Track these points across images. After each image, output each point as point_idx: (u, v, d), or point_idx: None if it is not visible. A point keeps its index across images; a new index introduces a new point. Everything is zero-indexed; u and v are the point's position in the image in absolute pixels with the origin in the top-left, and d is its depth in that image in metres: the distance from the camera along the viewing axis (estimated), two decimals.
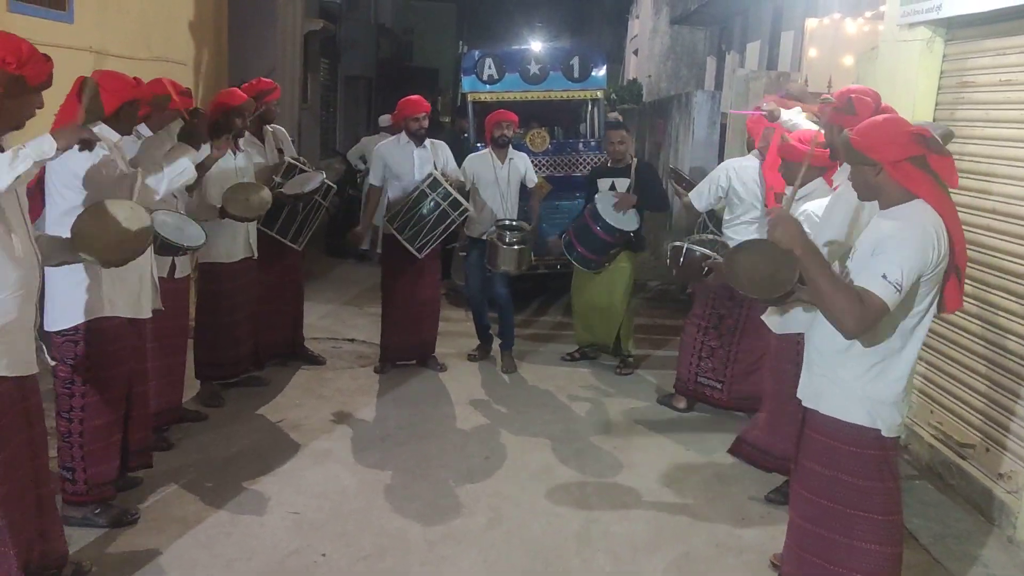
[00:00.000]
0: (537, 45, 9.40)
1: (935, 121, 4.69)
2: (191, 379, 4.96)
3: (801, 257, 2.57)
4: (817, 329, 2.81)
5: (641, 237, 6.07)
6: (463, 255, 6.44)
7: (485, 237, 5.91)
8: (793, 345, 3.81)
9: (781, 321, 3.92)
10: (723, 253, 3.81)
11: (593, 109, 8.54)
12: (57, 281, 3.39)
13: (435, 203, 5.44)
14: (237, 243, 5.03)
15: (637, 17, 17.81)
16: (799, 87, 4.23)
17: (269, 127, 5.60)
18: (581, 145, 8.24)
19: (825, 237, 3.28)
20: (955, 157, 2.69)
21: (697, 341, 5.24)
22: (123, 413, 3.71)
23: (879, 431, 2.68)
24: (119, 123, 3.56)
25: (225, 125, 4.80)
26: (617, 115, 11.32)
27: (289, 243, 5.52)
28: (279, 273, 5.64)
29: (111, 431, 3.64)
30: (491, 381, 5.93)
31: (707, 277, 3.96)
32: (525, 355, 6.45)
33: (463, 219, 5.64)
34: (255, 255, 5.20)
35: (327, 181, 5.54)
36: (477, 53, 8.38)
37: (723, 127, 8.93)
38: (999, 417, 4.11)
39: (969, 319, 4.33)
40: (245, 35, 9.02)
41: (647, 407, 5.50)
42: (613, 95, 13.56)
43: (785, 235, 2.58)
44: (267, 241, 5.35)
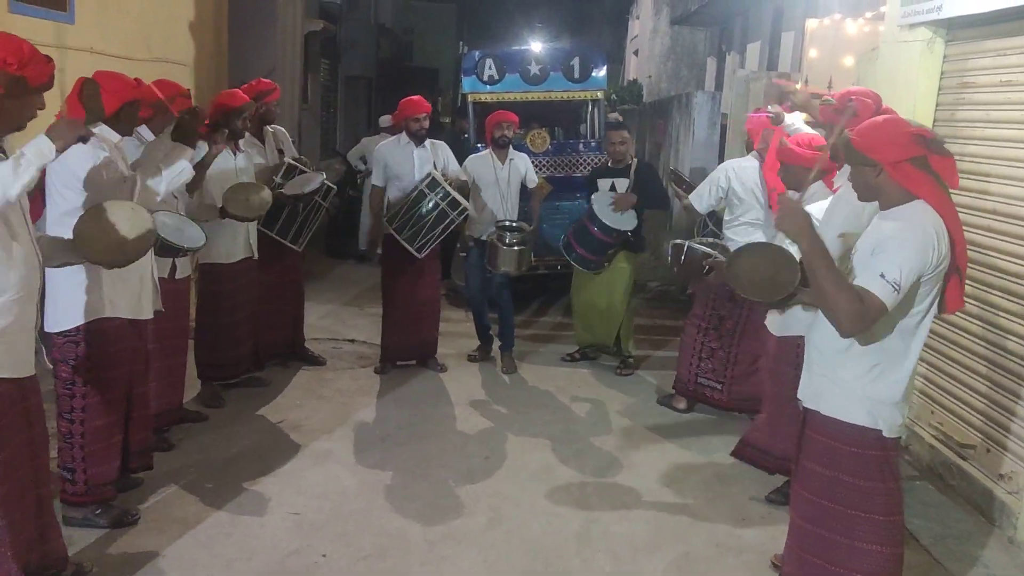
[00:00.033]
0: (537, 45, 9.39)
1: (935, 122, 4.71)
2: (191, 380, 4.96)
3: (806, 251, 2.56)
4: (817, 329, 2.81)
5: (641, 237, 6.09)
6: (463, 255, 6.45)
7: (485, 238, 5.93)
8: (793, 348, 3.81)
9: (781, 323, 3.93)
10: (725, 255, 3.82)
11: (593, 110, 8.55)
12: (58, 282, 3.40)
13: (434, 203, 5.45)
14: (237, 244, 5.04)
15: (637, 18, 17.83)
16: (804, 96, 4.24)
17: (269, 128, 5.61)
18: (581, 146, 8.24)
19: (826, 239, 3.28)
20: (956, 158, 2.69)
21: (697, 342, 5.25)
22: (123, 414, 3.72)
23: (880, 431, 2.69)
24: (119, 124, 3.57)
25: (225, 126, 4.82)
26: (617, 115, 11.34)
27: (289, 244, 5.54)
28: (279, 273, 5.65)
29: (112, 432, 3.65)
30: (491, 382, 5.94)
31: (708, 275, 3.97)
32: (525, 356, 6.46)
33: (462, 219, 5.65)
34: (255, 255, 5.21)
35: (327, 182, 5.55)
36: (477, 53, 8.38)
37: (723, 128, 8.94)
38: (1000, 418, 4.12)
39: (970, 319, 4.34)
40: (245, 35, 9.04)
41: (647, 408, 5.51)
42: (613, 96, 13.56)
43: (794, 226, 2.57)
44: (267, 242, 5.36)
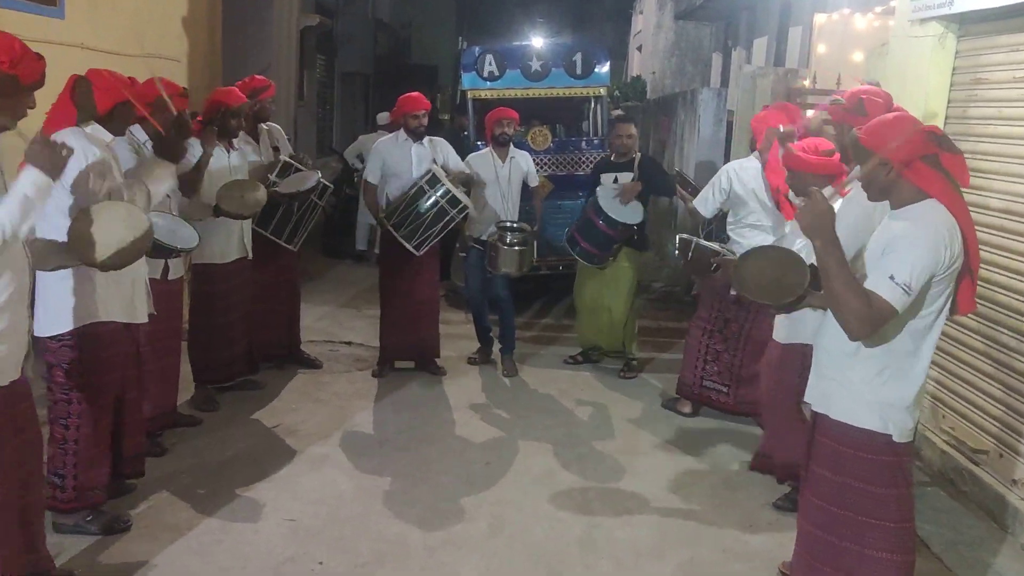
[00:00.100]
0: (538, 41, 9.40)
1: (947, 119, 4.71)
2: (184, 383, 4.96)
3: (820, 249, 2.54)
4: (826, 332, 2.81)
5: (644, 235, 6.08)
6: (463, 256, 6.45)
7: (486, 238, 5.92)
8: (799, 356, 3.81)
9: (788, 330, 3.92)
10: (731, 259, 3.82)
11: (596, 107, 8.53)
12: (51, 285, 3.40)
13: (433, 200, 5.43)
14: (231, 243, 5.04)
15: (641, 12, 17.81)
16: (817, 122, 4.24)
17: (264, 125, 5.62)
18: (584, 143, 8.24)
19: (837, 232, 3.28)
20: (967, 155, 2.69)
21: (702, 344, 5.25)
22: (113, 419, 3.72)
23: (890, 436, 2.69)
24: (112, 123, 3.57)
25: (220, 124, 4.82)
26: (619, 112, 11.33)
27: (284, 244, 5.53)
28: (274, 274, 5.65)
29: (103, 437, 3.65)
30: (492, 385, 5.94)
31: (715, 273, 3.97)
32: (526, 358, 6.46)
33: (462, 217, 5.64)
34: (249, 255, 5.21)
35: (323, 180, 5.55)
36: (477, 49, 8.37)
37: (729, 125, 8.93)
38: (1013, 422, 4.11)
39: (982, 321, 4.34)
40: (240, 31, 9.05)
41: (651, 411, 5.51)
42: (616, 92, 13.53)
43: (816, 220, 2.53)
44: (262, 241, 5.36)
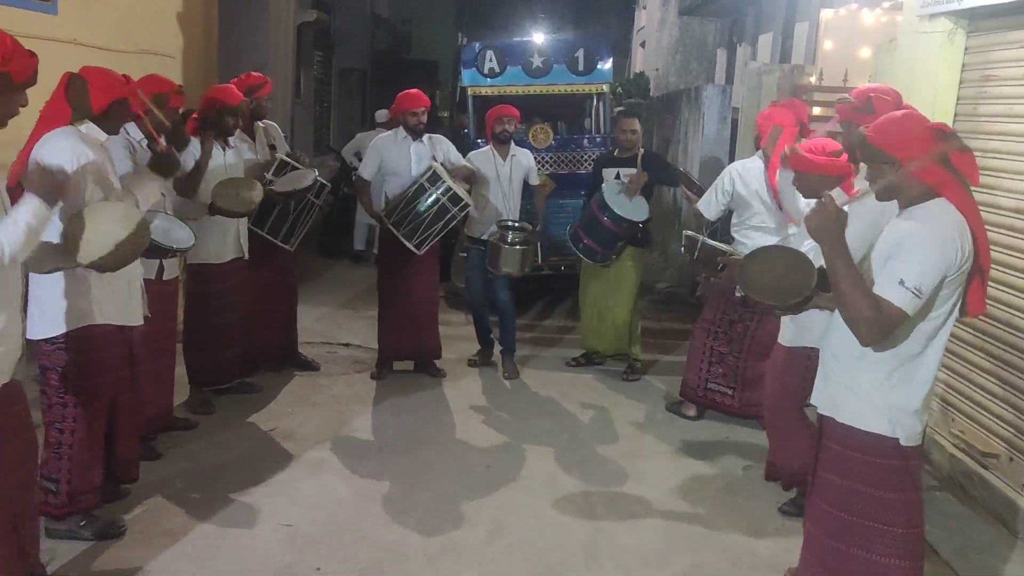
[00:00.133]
0: (540, 37, 9.35)
1: (956, 116, 4.68)
2: (179, 386, 4.94)
3: (827, 253, 2.53)
4: (833, 334, 2.79)
5: (648, 233, 6.05)
6: (463, 256, 6.43)
7: (487, 237, 5.91)
8: (803, 359, 3.80)
9: (793, 333, 3.90)
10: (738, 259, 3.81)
11: (598, 104, 8.51)
12: (45, 288, 3.39)
13: (434, 198, 5.41)
14: (227, 243, 5.02)
15: (644, 8, 17.78)
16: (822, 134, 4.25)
17: (260, 123, 5.61)
18: (586, 141, 8.22)
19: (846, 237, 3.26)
20: (977, 154, 2.67)
21: (707, 346, 5.23)
22: (107, 422, 3.70)
23: (898, 440, 2.67)
24: (107, 122, 3.56)
25: (216, 123, 4.81)
26: (622, 108, 11.30)
27: (280, 243, 5.51)
28: (270, 274, 5.63)
29: (97, 441, 3.64)
30: (492, 387, 5.92)
31: (721, 272, 3.96)
32: (528, 360, 6.44)
33: (463, 215, 5.62)
34: (245, 255, 5.19)
35: (320, 179, 5.53)
36: (478, 45, 8.35)
37: (734, 123, 8.91)
38: (1023, 425, 4.09)
39: (993, 323, 4.32)
40: (235, 27, 9.03)
41: (655, 415, 5.49)
42: (619, 89, 13.49)
43: (822, 224, 2.53)
44: (258, 241, 5.34)
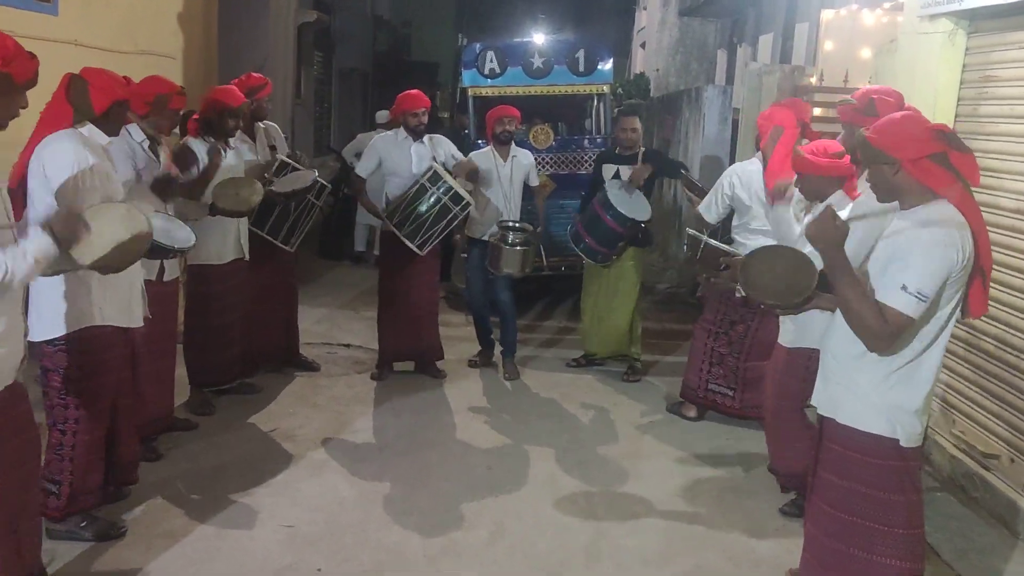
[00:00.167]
0: (540, 38, 9.38)
1: (957, 117, 4.71)
2: (179, 387, 4.96)
3: (828, 264, 2.60)
4: (833, 335, 2.82)
5: (648, 233, 6.07)
6: (463, 256, 6.44)
7: (487, 238, 5.93)
8: (804, 360, 3.81)
9: (794, 334, 3.93)
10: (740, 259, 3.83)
11: (599, 104, 8.54)
12: (45, 289, 3.40)
13: (436, 198, 5.43)
14: (227, 244, 5.04)
15: (644, 8, 17.82)
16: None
17: (261, 124, 5.63)
18: (586, 142, 8.24)
19: (848, 246, 3.28)
20: (977, 154, 2.70)
21: (707, 347, 5.25)
22: (109, 424, 3.72)
23: (898, 440, 2.69)
24: (108, 124, 3.57)
25: (218, 124, 4.83)
26: (621, 108, 11.32)
27: (280, 244, 5.53)
28: (271, 275, 5.65)
29: (99, 442, 3.66)
30: (493, 389, 5.94)
31: (723, 272, 3.98)
32: (528, 361, 6.47)
33: (465, 214, 5.64)
34: (246, 256, 5.21)
35: (320, 180, 5.54)
36: (478, 46, 8.38)
37: (735, 124, 8.94)
38: None
39: (994, 324, 4.34)
40: (236, 27, 9.05)
41: (656, 415, 5.51)
42: (619, 90, 13.53)
43: (822, 235, 2.57)
44: (258, 242, 5.36)
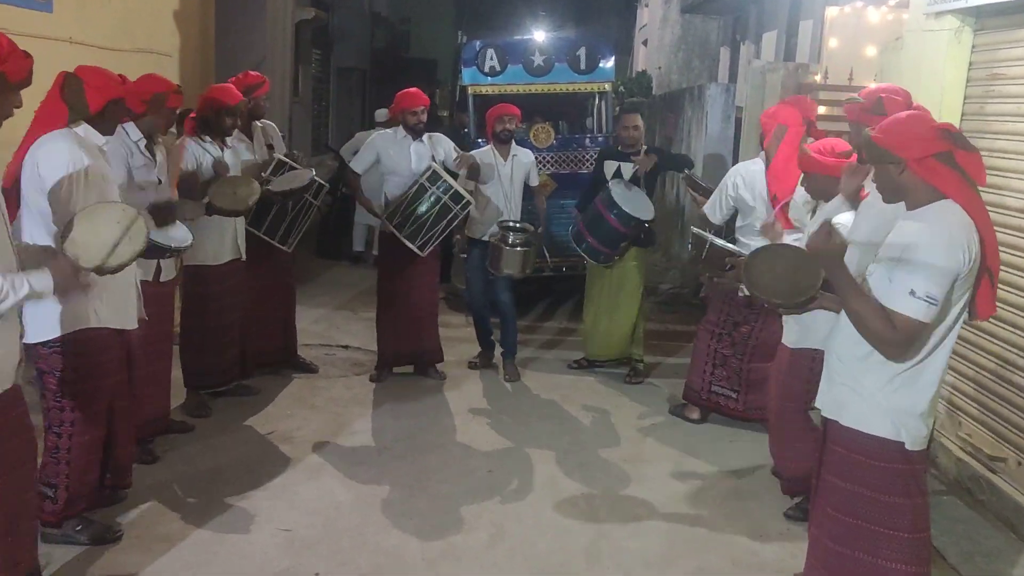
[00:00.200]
0: (541, 35, 9.35)
1: (963, 116, 4.70)
2: (176, 388, 4.96)
3: (831, 279, 2.63)
4: (838, 336, 2.81)
5: (651, 232, 6.06)
6: (463, 257, 6.44)
7: (487, 238, 5.92)
8: (808, 361, 3.81)
9: (798, 335, 3.92)
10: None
11: (600, 102, 8.53)
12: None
13: (436, 197, 5.42)
14: (224, 244, 5.04)
15: (646, 6, 17.83)
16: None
17: (258, 123, 5.63)
18: (588, 140, 8.23)
19: (855, 247, 3.28)
20: (984, 153, 2.69)
21: (711, 348, 5.24)
22: (106, 427, 3.72)
23: (903, 443, 2.69)
24: (104, 123, 3.56)
25: (215, 123, 4.82)
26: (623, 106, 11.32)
27: (277, 244, 5.53)
28: (268, 275, 5.64)
29: (96, 446, 3.65)
30: (493, 390, 5.93)
31: (728, 272, 3.98)
32: (529, 363, 6.46)
33: (465, 213, 5.63)
34: (243, 257, 5.20)
35: (318, 179, 5.54)
36: (478, 43, 8.36)
37: (738, 122, 8.93)
38: None
39: (1001, 325, 4.33)
40: (233, 25, 9.06)
41: (658, 418, 5.51)
42: (621, 88, 13.53)
43: (820, 250, 2.62)
44: (255, 242, 5.36)
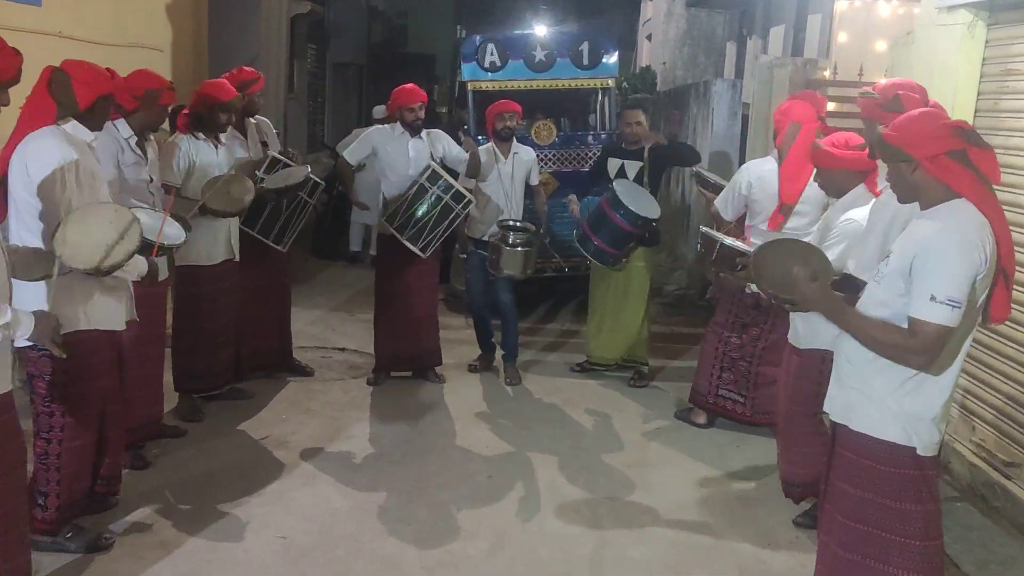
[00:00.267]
0: (543, 29, 9.37)
1: (976, 112, 4.69)
2: (168, 392, 4.95)
3: (828, 318, 2.73)
4: (847, 338, 2.80)
5: (656, 231, 6.05)
6: (463, 257, 6.44)
7: (488, 238, 5.92)
8: (817, 362, 3.81)
9: (807, 335, 3.91)
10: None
11: (604, 99, 8.51)
12: (28, 293, 3.39)
13: (436, 197, 5.41)
14: (218, 244, 5.03)
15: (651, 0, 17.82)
16: None
17: (252, 119, 5.61)
18: (591, 138, 8.22)
19: (869, 246, 3.28)
20: (998, 151, 2.68)
21: (718, 351, 5.23)
22: (97, 433, 3.71)
23: (914, 449, 2.69)
24: (93, 119, 3.56)
25: (208, 119, 4.82)
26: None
27: (272, 244, 5.52)
28: (262, 276, 5.63)
29: (87, 452, 3.65)
30: (494, 394, 5.93)
31: (739, 272, 3.97)
32: (530, 365, 6.46)
33: (466, 212, 5.63)
34: (237, 257, 5.20)
35: (313, 176, 5.53)
36: (478, 38, 8.35)
37: (745, 119, 8.92)
38: None
39: (1015, 327, 4.32)
40: (227, 19, 9.06)
41: (663, 422, 5.50)
42: (625, 84, 13.52)
43: (804, 299, 2.78)
44: (249, 242, 5.34)
